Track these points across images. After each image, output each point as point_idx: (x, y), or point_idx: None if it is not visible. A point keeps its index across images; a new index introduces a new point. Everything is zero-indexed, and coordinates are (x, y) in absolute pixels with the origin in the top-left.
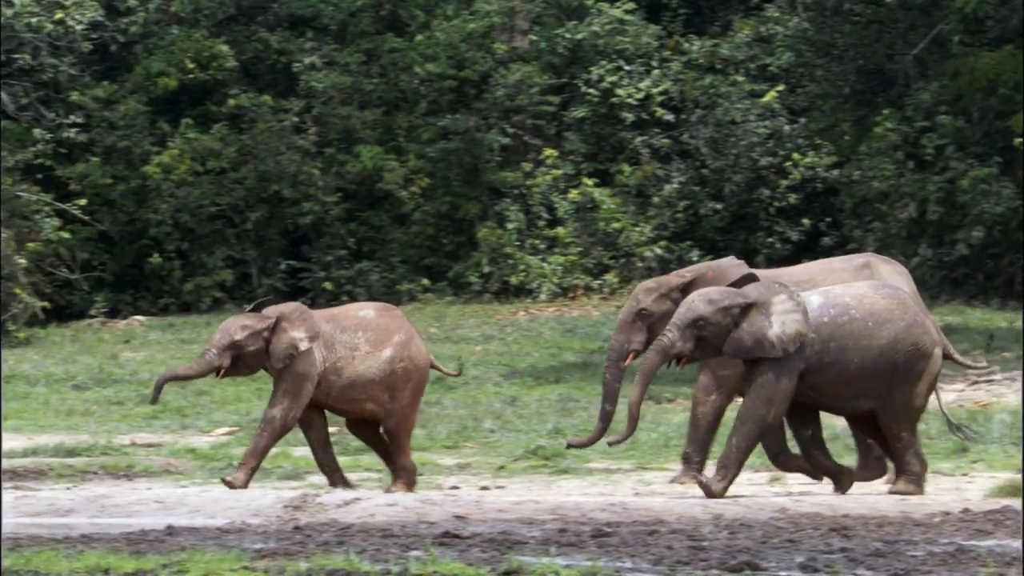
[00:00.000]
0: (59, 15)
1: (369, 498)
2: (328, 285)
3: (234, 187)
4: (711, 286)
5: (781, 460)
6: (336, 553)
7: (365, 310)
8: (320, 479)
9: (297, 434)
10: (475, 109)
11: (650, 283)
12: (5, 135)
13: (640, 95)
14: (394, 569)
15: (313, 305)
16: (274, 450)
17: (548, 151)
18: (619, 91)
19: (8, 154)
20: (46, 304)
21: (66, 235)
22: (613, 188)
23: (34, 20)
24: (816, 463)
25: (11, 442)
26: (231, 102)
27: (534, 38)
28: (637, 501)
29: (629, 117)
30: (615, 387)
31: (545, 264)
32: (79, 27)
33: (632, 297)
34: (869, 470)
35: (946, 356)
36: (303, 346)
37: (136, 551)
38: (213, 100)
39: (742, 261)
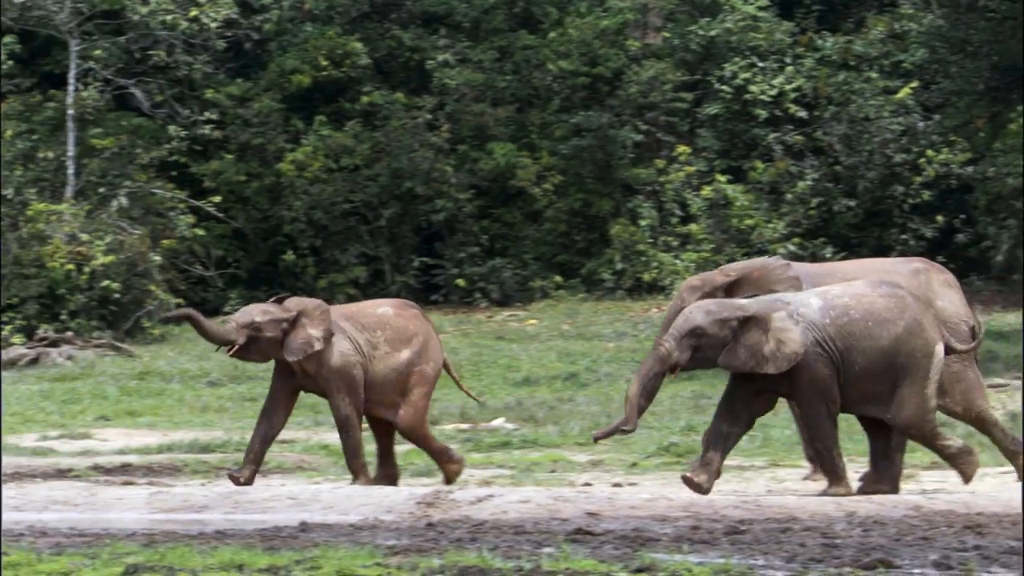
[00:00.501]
0: (194, 12)
1: (502, 495)
2: (461, 282)
3: (367, 184)
4: (756, 285)
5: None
6: (468, 550)
7: (383, 307)
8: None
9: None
10: (608, 106)
11: (695, 280)
12: (140, 132)
13: (773, 92)
14: (526, 566)
15: (445, 302)
16: (406, 447)
17: (681, 148)
18: (752, 88)
19: (143, 151)
20: (181, 301)
21: (200, 232)
22: (746, 185)
23: (169, 18)
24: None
25: (146, 438)
26: (364, 99)
27: (667, 35)
28: (770, 498)
29: (762, 114)
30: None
31: (678, 261)
32: (214, 24)
33: (677, 295)
34: (882, 483)
35: (948, 350)
36: (317, 345)
37: (270, 547)
38: (346, 97)
39: (788, 261)
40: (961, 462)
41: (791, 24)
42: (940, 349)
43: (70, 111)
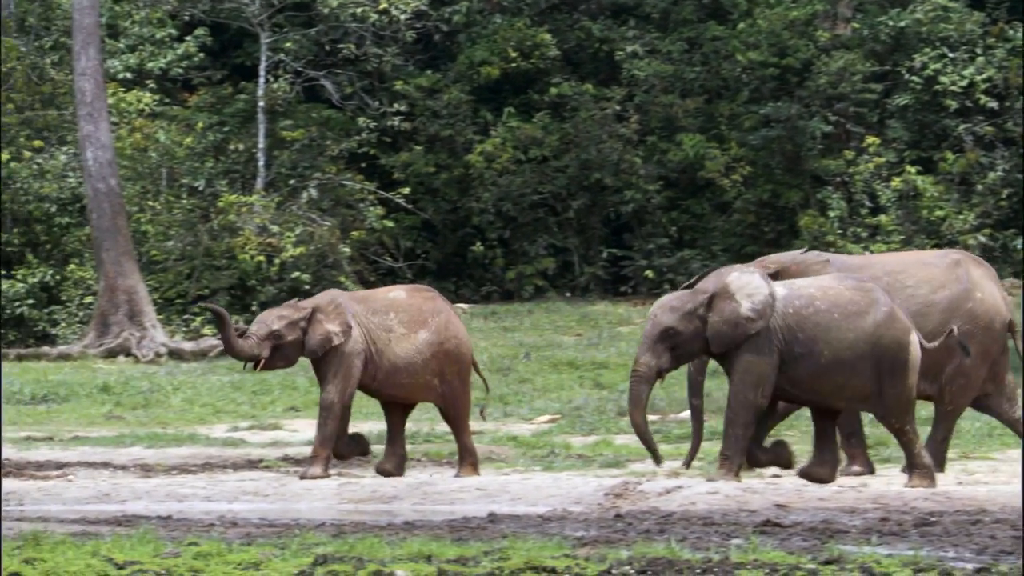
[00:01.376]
0: (383, 5)
1: (690, 486)
2: (649, 273)
3: (556, 175)
4: (795, 278)
5: (852, 443)
6: (657, 541)
7: (395, 291)
8: (642, 466)
9: (619, 423)
10: (797, 97)
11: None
12: (330, 124)
13: (964, 82)
14: (715, 557)
15: (633, 293)
16: (594, 438)
17: (870, 139)
18: (942, 78)
19: (333, 143)
20: None
21: (390, 224)
22: (936, 176)
23: (359, 10)
24: (752, 457)
25: None
26: (553, 90)
27: (856, 26)
28: (960, 490)
29: (952, 104)
30: (699, 380)
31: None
32: (403, 17)
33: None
34: (824, 466)
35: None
36: (336, 340)
37: (458, 538)
38: (535, 89)
39: (827, 257)
40: (920, 470)
41: (982, 15)
42: (915, 338)
43: (261, 103)
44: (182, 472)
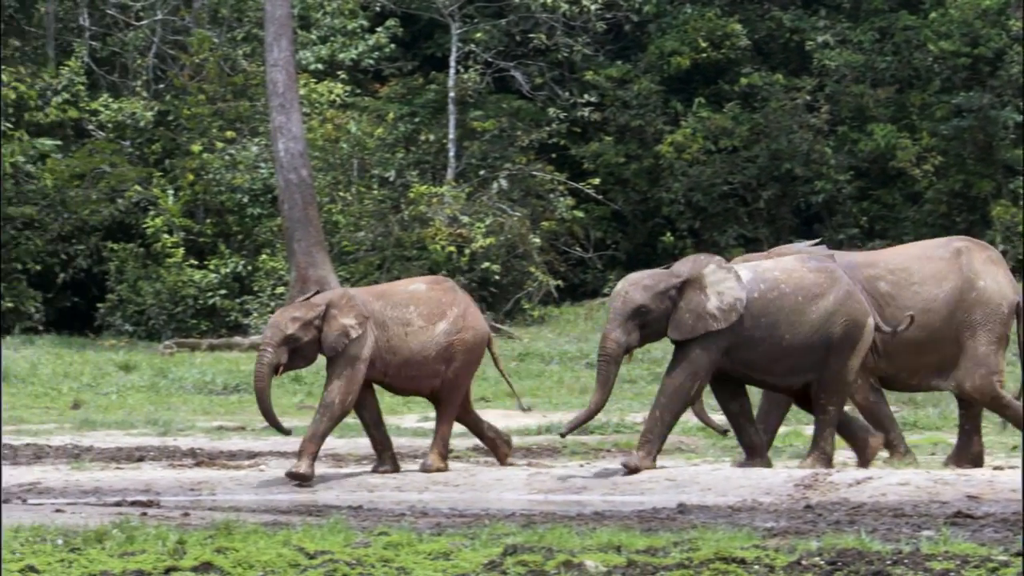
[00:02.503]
0: None
1: (880, 477)
2: None
3: (746, 166)
4: None
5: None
6: (847, 532)
7: (415, 284)
8: (840, 456)
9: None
10: (989, 86)
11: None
12: (520, 115)
13: None
14: (905, 548)
15: None
16: (784, 429)
17: None
18: None
19: (523, 133)
20: (559, 283)
21: (580, 214)
22: None
23: (549, 1)
24: (743, 438)
25: (525, 420)
26: (743, 81)
27: None
28: None
29: None
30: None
31: None
32: (594, 7)
33: None
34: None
35: (876, 328)
36: (354, 332)
37: (648, 528)
38: (725, 79)
39: (831, 251)
40: (862, 447)
41: None
42: (871, 321)
43: (451, 94)
44: (373, 462)
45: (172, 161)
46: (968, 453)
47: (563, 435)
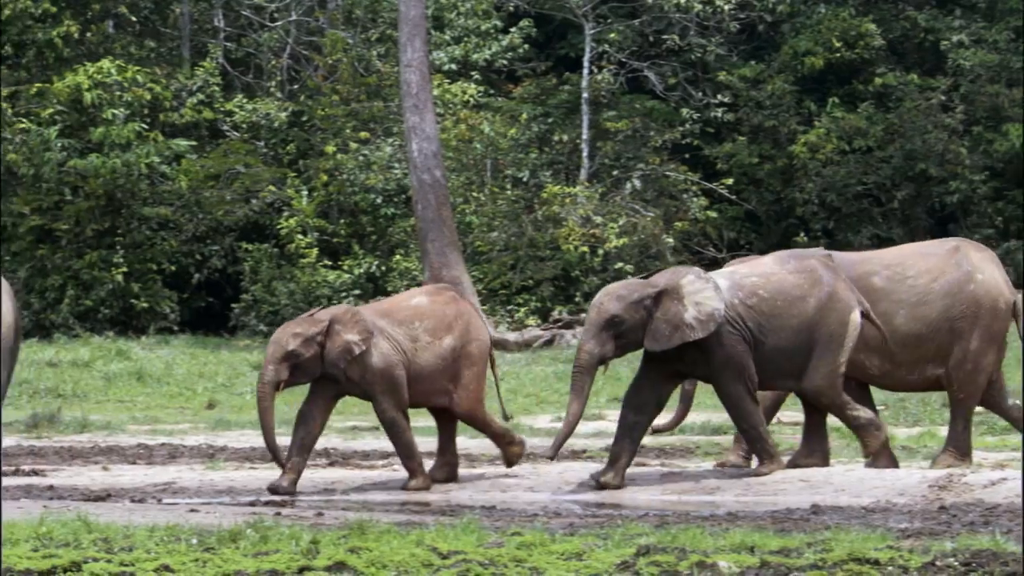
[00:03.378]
0: None
1: (1016, 478)
2: None
3: (880, 166)
4: None
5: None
6: (981, 533)
7: (417, 297)
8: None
9: (943, 413)
10: None
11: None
12: (653, 115)
13: None
14: None
15: None
16: (918, 430)
17: None
18: None
19: (656, 134)
20: None
21: (713, 214)
22: None
23: (682, 1)
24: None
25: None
26: (877, 81)
27: None
28: None
29: None
30: None
31: None
32: (727, 7)
33: None
34: (812, 457)
35: (866, 316)
36: (357, 349)
37: (781, 529)
38: (859, 79)
39: (829, 252)
40: (866, 434)
41: None
42: (856, 316)
43: (585, 94)
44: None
45: (306, 162)
46: (964, 449)
47: (551, 458)
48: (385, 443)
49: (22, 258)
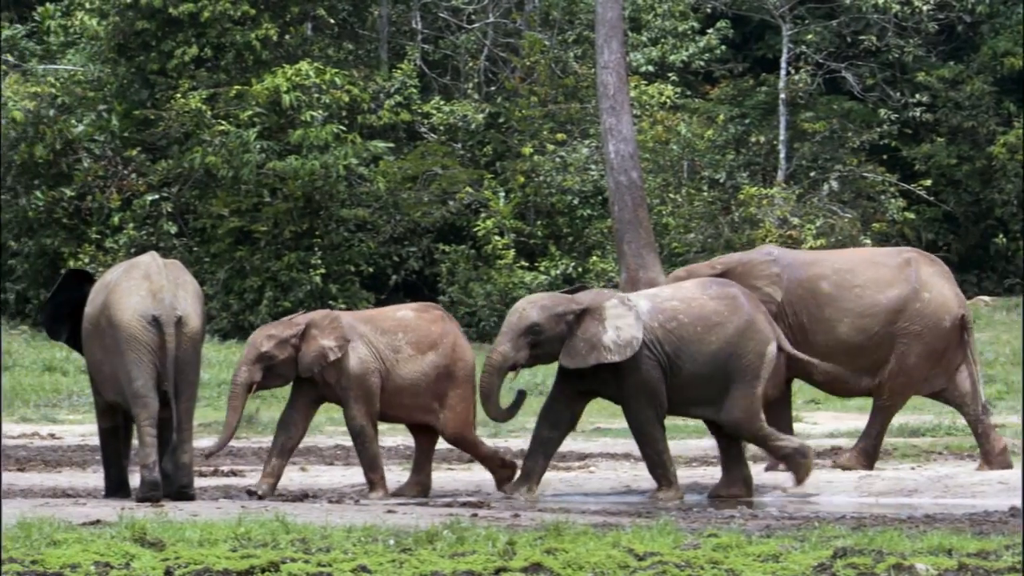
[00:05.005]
0: None
1: None
2: None
3: None
4: (739, 279)
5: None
6: None
7: (403, 311)
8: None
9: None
10: None
11: (680, 272)
12: (851, 116)
13: None
14: None
15: None
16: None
17: None
18: None
19: (854, 135)
20: None
21: (911, 215)
22: None
23: (881, 1)
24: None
25: (856, 422)
26: None
27: None
28: None
29: None
30: None
31: None
32: (925, 7)
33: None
34: (733, 486)
35: (780, 349)
36: (332, 355)
37: (979, 532)
38: None
39: (774, 255)
40: (794, 463)
41: None
42: (772, 349)
43: (782, 95)
44: (702, 464)
45: (503, 163)
46: (871, 456)
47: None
48: (583, 445)
49: (221, 260)
